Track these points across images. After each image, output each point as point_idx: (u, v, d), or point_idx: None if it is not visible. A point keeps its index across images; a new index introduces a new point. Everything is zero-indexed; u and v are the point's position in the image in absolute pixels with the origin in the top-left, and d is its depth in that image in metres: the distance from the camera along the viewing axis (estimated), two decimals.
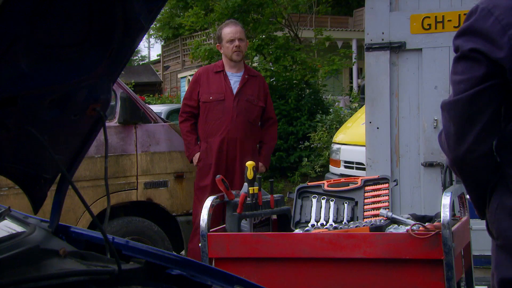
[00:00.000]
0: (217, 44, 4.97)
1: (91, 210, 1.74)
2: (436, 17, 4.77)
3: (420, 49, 4.84)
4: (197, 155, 4.79)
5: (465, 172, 1.81)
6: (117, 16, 1.64)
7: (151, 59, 37.88)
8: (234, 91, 4.78)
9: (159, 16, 27.27)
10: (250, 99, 4.81)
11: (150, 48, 74.99)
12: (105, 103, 1.80)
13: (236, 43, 4.77)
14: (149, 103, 15.97)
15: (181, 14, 20.69)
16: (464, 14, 4.71)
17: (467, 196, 2.19)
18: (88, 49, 1.66)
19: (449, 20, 4.75)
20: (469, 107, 1.68)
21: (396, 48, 4.84)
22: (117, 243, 1.85)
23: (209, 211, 3.02)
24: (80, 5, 1.57)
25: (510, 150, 1.72)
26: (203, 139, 4.83)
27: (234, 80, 4.83)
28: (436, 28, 4.78)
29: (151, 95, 20.49)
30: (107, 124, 4.67)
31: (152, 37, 35.68)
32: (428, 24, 4.80)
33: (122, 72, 1.97)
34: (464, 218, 2.97)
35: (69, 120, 1.75)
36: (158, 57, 30.66)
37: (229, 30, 4.82)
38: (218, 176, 3.13)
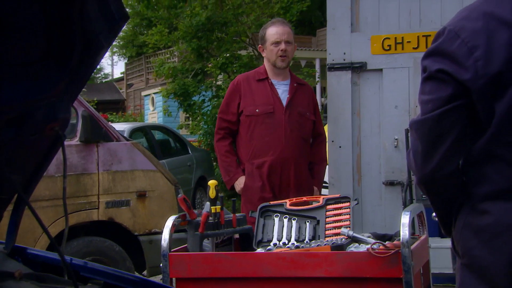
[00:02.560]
0: (259, 46, 4.23)
1: (48, 231, 1.71)
2: (395, 38, 4.88)
3: (381, 70, 4.93)
4: (241, 180, 4.03)
5: (432, 190, 1.83)
6: (76, 35, 1.63)
7: (114, 77, 37.64)
8: (284, 102, 4.04)
9: (122, 34, 27.20)
10: (302, 112, 4.08)
11: (113, 65, 74.60)
12: (64, 123, 1.78)
13: (282, 46, 4.02)
14: (112, 121, 15.83)
15: (145, 32, 20.65)
16: (423, 36, 4.86)
17: (434, 214, 2.22)
18: (47, 67, 1.65)
19: (408, 42, 4.86)
20: (436, 126, 1.72)
21: (357, 68, 4.91)
22: (75, 264, 1.82)
23: (170, 230, 2.99)
24: (38, 23, 1.56)
25: (476, 169, 1.75)
26: (246, 160, 4.05)
27: (282, 89, 4.10)
28: (396, 49, 4.88)
29: (114, 113, 20.31)
30: (68, 142, 4.63)
31: (116, 55, 35.53)
32: (388, 45, 4.90)
33: (84, 89, 1.96)
34: (423, 237, 3.01)
35: (26, 139, 1.73)
36: (122, 75, 30.47)
37: (275, 31, 4.05)
38: (180, 195, 3.10)
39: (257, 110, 3.99)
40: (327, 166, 4.60)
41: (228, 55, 10.86)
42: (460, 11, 1.75)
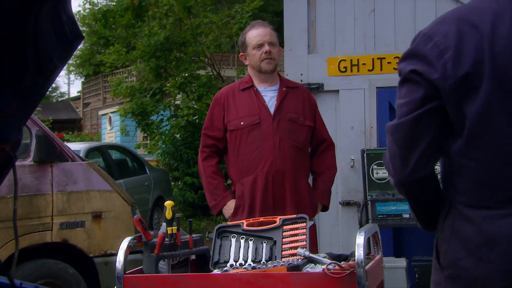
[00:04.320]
0: (241, 54, 3.76)
1: None
2: (351, 60, 4.97)
3: (337, 91, 5.01)
4: (230, 205, 3.61)
5: (410, 194, 1.84)
6: (29, 55, 1.61)
7: (70, 96, 37.15)
8: (272, 110, 3.59)
9: (79, 53, 26.93)
10: (294, 118, 3.61)
11: (69, 84, 73.71)
12: (15, 144, 1.74)
13: (266, 48, 3.59)
14: (68, 141, 15.59)
15: (102, 51, 20.50)
16: (378, 58, 4.96)
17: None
18: None
19: (364, 64, 4.95)
20: (411, 130, 1.73)
21: (314, 89, 4.98)
22: None
23: (125, 252, 2.95)
24: None
25: (456, 175, 1.75)
26: (236, 180, 3.62)
27: (270, 96, 3.64)
28: (351, 71, 4.97)
29: (70, 133, 20.01)
30: (21, 163, 4.54)
31: (72, 73, 35.11)
32: (344, 67, 4.98)
33: (39, 108, 1.93)
34: (377, 257, 3.04)
35: None
36: (78, 94, 30.10)
37: (256, 33, 3.64)
38: (135, 216, 3.07)
39: (241, 123, 3.57)
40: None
41: (186, 74, 10.86)
42: (436, 18, 1.81)
